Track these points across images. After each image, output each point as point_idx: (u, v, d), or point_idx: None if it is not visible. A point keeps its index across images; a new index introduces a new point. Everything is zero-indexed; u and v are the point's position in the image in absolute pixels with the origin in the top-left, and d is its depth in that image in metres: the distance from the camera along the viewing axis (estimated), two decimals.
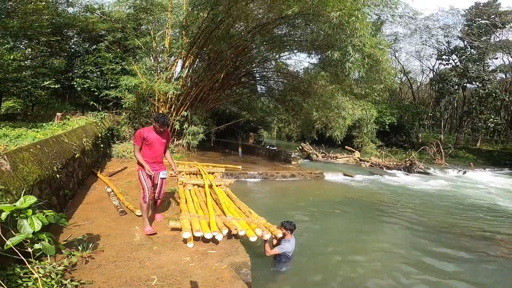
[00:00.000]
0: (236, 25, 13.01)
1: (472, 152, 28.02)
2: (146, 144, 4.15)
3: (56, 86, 12.55)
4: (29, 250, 2.40)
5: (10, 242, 2.23)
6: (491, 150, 27.85)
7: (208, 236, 3.74)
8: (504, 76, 31.80)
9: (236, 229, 3.93)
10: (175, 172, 4.59)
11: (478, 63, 27.48)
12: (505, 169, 23.40)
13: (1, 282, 2.02)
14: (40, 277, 2.26)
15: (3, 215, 2.26)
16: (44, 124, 7.72)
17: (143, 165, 4.10)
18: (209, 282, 2.91)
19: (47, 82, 11.56)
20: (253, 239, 3.97)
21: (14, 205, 2.36)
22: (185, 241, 3.75)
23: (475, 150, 28.38)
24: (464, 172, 18.56)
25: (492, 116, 28.65)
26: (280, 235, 4.34)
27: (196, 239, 3.81)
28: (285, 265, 4.49)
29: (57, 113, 9.72)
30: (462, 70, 27.76)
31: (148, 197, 4.13)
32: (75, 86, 15.09)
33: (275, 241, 4.58)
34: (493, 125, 28.33)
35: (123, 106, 13.43)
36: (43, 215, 2.53)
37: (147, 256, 3.34)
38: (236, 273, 3.27)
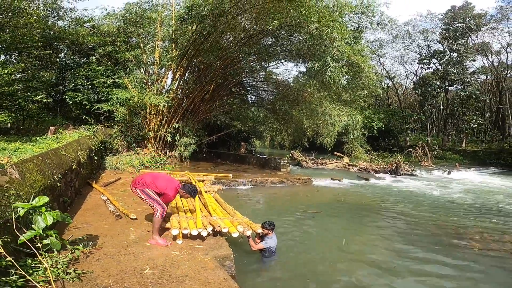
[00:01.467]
0: (224, 37, 13.40)
1: (458, 153, 28.67)
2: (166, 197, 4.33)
3: (47, 100, 12.73)
4: (39, 245, 2.83)
5: (23, 237, 2.66)
6: (476, 150, 28.51)
7: (194, 232, 4.19)
8: (485, 77, 32.88)
9: (219, 226, 4.38)
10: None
11: (457, 66, 28.40)
12: (491, 168, 24.01)
13: (20, 268, 2.43)
14: (48, 267, 2.68)
15: (22, 212, 2.71)
16: (38, 138, 8.08)
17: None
18: (195, 270, 3.36)
19: (40, 97, 11.71)
20: (235, 235, 4.42)
21: (31, 204, 2.80)
22: (174, 238, 4.20)
23: (461, 150, 29.06)
24: (449, 173, 19.17)
25: (475, 117, 29.52)
26: (259, 230, 4.80)
27: (184, 236, 4.24)
28: (270, 259, 4.92)
29: (50, 127, 10.02)
30: (442, 74, 28.71)
31: (166, 210, 4.21)
32: (67, 99, 15.28)
33: (258, 241, 5.03)
34: (475, 125, 29.16)
35: (115, 119, 13.57)
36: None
37: (141, 251, 3.79)
38: (220, 264, 3.70)
